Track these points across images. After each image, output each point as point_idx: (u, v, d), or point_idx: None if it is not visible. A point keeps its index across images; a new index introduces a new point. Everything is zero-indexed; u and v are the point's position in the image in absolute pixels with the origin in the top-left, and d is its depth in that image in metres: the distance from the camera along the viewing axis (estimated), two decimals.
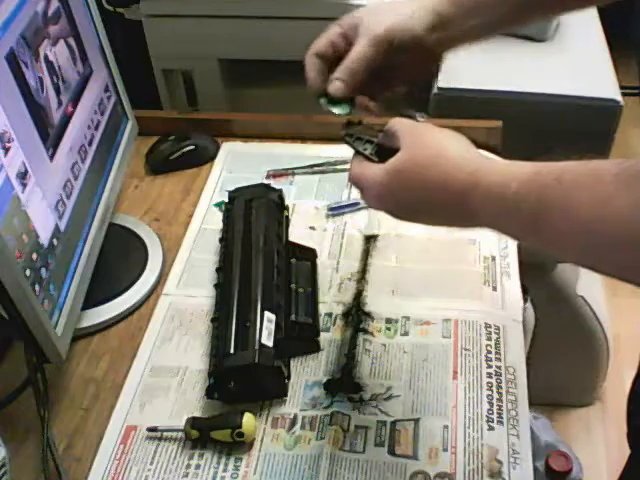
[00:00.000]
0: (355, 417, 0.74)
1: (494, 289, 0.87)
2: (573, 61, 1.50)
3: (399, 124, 0.63)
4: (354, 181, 0.65)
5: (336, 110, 0.70)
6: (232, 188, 0.97)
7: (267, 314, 0.78)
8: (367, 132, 0.67)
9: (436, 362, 0.79)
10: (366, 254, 0.92)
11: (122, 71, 0.99)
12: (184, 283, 0.91)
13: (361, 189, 0.64)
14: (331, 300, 0.87)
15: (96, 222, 0.87)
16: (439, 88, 1.45)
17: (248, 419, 0.72)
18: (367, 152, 0.65)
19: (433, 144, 0.60)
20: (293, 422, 0.75)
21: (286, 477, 0.71)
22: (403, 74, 0.73)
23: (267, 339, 0.75)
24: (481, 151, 0.60)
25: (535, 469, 0.71)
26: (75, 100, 0.84)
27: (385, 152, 0.63)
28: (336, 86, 0.68)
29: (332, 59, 0.70)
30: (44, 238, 0.73)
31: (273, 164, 1.07)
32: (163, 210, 1.03)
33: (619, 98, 1.37)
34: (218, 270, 0.88)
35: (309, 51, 0.71)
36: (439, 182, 0.58)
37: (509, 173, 0.55)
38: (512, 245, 0.92)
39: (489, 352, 0.80)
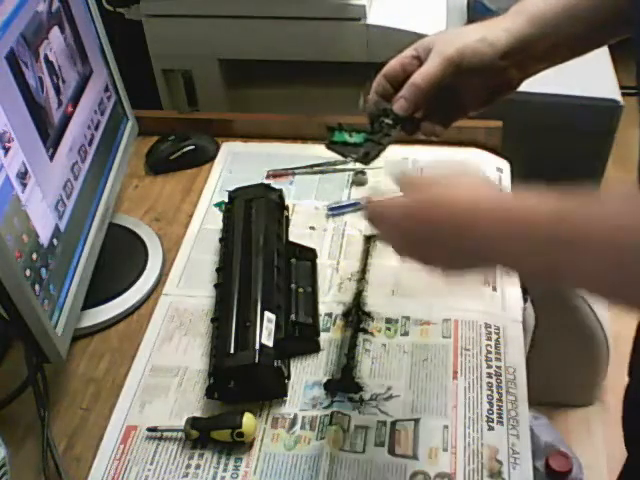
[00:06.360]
0: (355, 417, 0.74)
1: (494, 289, 0.87)
2: (573, 61, 1.50)
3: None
4: (373, 210, 0.63)
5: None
6: (232, 188, 0.97)
7: (267, 314, 0.78)
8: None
9: (436, 362, 0.79)
10: (366, 254, 0.92)
11: (122, 71, 0.99)
12: (184, 283, 0.91)
13: (381, 214, 0.62)
14: (331, 300, 0.87)
15: (96, 222, 0.87)
16: None
17: (248, 419, 0.72)
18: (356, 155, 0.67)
19: (465, 184, 0.58)
20: (293, 422, 0.75)
21: (286, 477, 0.71)
22: (474, 100, 0.73)
23: (267, 339, 0.75)
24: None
25: (535, 469, 0.71)
26: (75, 100, 0.84)
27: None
28: (400, 104, 0.68)
29: (402, 81, 0.69)
30: (44, 238, 0.73)
31: (273, 164, 1.07)
32: (163, 210, 1.03)
33: (619, 98, 1.36)
34: (218, 270, 0.88)
35: (380, 72, 0.71)
36: (469, 217, 0.55)
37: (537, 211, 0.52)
38: None
39: (489, 352, 0.80)
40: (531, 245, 0.51)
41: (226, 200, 0.96)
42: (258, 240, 0.86)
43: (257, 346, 0.74)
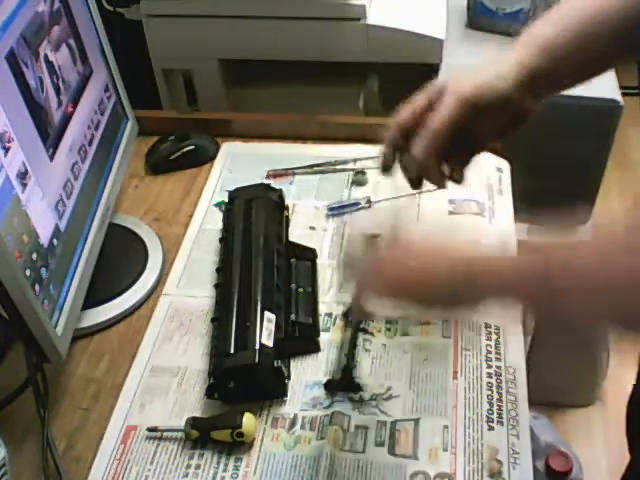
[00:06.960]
0: (355, 417, 0.74)
1: None
2: None
3: None
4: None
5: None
6: (232, 188, 0.97)
7: (267, 314, 0.78)
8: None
9: (436, 362, 0.79)
10: None
11: (122, 71, 0.99)
12: (184, 283, 0.91)
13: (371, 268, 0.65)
14: (331, 300, 0.87)
15: (96, 222, 0.87)
16: None
17: (248, 419, 0.72)
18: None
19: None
20: (293, 422, 0.75)
21: (286, 477, 0.71)
22: (490, 134, 0.72)
23: (267, 339, 0.75)
24: None
25: (535, 469, 0.71)
26: (75, 100, 0.84)
27: None
28: (419, 151, 0.67)
29: (414, 127, 0.68)
30: (44, 238, 0.73)
31: (273, 164, 1.07)
32: (163, 210, 1.03)
33: (619, 98, 1.36)
34: (218, 270, 0.88)
35: (393, 120, 0.69)
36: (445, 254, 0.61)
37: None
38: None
39: (489, 352, 0.80)
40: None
41: (226, 200, 0.96)
42: (258, 240, 0.86)
43: (257, 346, 0.74)
